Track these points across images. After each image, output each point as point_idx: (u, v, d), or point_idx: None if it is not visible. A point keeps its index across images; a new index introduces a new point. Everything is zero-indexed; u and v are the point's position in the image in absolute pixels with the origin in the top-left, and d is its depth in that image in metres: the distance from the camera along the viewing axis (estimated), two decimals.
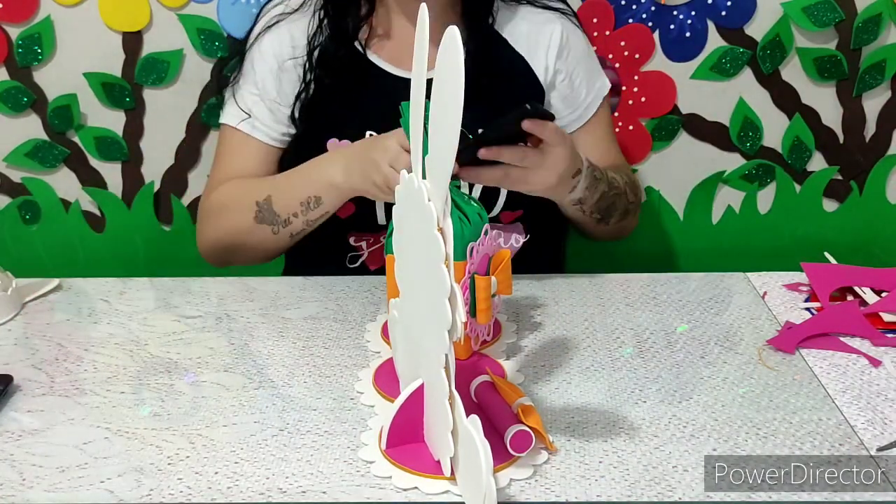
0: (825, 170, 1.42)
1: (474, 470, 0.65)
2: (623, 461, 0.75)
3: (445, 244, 0.64)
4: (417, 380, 0.74)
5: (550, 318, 1.00)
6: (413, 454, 0.74)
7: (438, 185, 0.65)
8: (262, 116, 1.13)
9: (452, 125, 0.61)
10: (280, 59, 1.13)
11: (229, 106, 1.15)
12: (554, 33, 1.16)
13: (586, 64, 1.20)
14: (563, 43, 1.17)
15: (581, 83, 1.19)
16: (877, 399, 0.84)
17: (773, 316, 1.01)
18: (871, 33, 1.33)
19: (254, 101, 1.14)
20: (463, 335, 0.67)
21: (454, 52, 0.60)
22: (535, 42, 1.16)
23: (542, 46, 1.16)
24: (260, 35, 1.14)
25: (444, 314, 0.65)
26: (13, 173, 1.39)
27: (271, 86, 1.13)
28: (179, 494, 0.71)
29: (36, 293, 1.05)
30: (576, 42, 1.19)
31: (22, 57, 1.31)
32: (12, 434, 0.79)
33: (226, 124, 1.16)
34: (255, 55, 1.14)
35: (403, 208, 0.74)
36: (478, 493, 0.65)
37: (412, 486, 0.71)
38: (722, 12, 1.32)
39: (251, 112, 1.13)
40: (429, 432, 0.74)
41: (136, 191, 1.40)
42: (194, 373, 0.89)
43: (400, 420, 0.74)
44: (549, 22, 1.17)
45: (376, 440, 0.76)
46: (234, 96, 1.15)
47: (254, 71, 1.14)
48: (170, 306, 1.04)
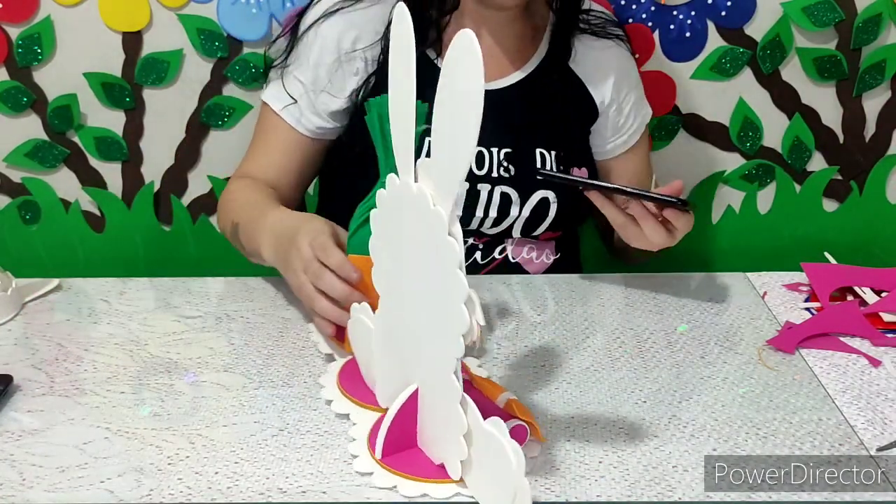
0: (825, 170, 1.42)
1: (500, 471, 0.65)
2: (623, 461, 0.75)
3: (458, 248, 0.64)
4: (410, 386, 0.73)
5: (550, 317, 1.00)
6: (411, 460, 0.73)
7: (446, 189, 0.64)
8: (303, 104, 1.12)
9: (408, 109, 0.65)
10: (341, 50, 1.10)
11: (273, 86, 1.13)
12: (612, 62, 1.18)
13: (637, 92, 1.21)
14: (620, 72, 1.18)
15: (630, 111, 1.20)
16: (877, 399, 0.84)
17: (773, 316, 1.01)
18: (871, 33, 1.33)
19: (299, 87, 1.11)
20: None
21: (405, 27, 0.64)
22: (594, 69, 1.17)
23: (602, 75, 1.17)
24: (320, 20, 1.11)
25: (460, 318, 0.64)
26: (13, 173, 1.39)
27: (324, 75, 1.11)
28: (179, 494, 0.71)
29: (36, 293, 1.05)
30: (630, 70, 1.21)
31: (22, 57, 1.31)
32: (12, 434, 0.79)
33: (266, 104, 1.14)
34: (314, 40, 1.11)
35: (394, 214, 0.72)
36: (504, 494, 0.65)
37: (421, 494, 0.70)
38: (722, 12, 1.32)
39: (293, 96, 1.12)
40: (428, 437, 0.73)
41: (136, 191, 1.40)
42: (194, 373, 0.89)
43: (396, 428, 0.73)
44: (608, 48, 1.18)
45: (367, 450, 0.75)
46: (283, 78, 1.13)
47: (308, 57, 1.11)
48: (170, 306, 1.04)
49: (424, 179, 0.67)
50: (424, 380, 0.72)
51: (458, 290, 0.64)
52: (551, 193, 1.13)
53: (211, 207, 1.41)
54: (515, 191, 1.12)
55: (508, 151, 1.13)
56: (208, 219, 1.42)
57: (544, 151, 1.14)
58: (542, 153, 1.14)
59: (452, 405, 0.67)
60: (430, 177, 0.66)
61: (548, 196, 1.13)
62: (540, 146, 1.14)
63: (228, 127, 1.36)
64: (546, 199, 1.13)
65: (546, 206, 1.13)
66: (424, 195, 0.66)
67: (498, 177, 1.12)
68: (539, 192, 1.12)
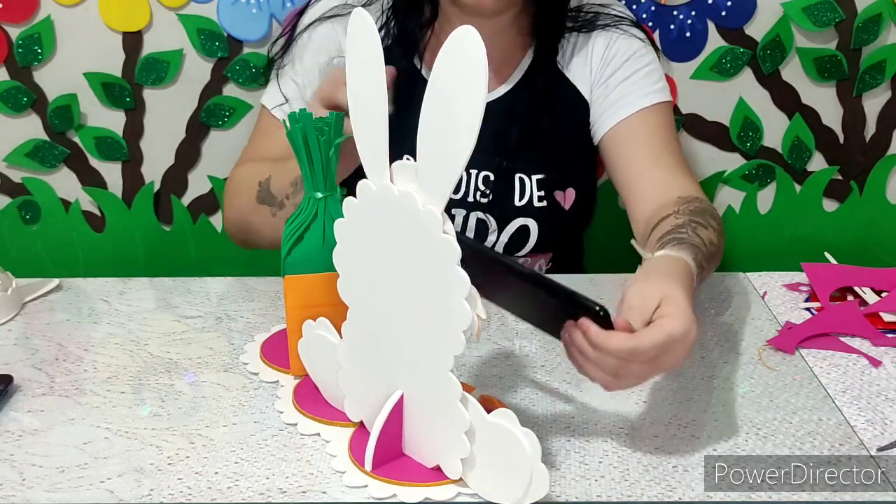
0: (825, 170, 1.42)
1: (512, 460, 0.65)
2: (623, 461, 0.75)
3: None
4: (394, 394, 0.72)
5: None
6: (402, 467, 0.73)
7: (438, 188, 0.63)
8: (296, 105, 1.10)
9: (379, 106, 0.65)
10: (334, 54, 1.09)
11: (271, 87, 1.13)
12: (598, 46, 1.09)
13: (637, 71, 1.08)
14: (608, 53, 1.09)
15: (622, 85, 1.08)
16: (877, 399, 0.84)
17: (773, 316, 1.01)
18: (871, 33, 1.33)
19: (293, 87, 1.11)
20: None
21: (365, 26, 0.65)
22: (580, 61, 1.10)
23: (584, 62, 1.10)
24: (316, 23, 1.10)
25: (462, 314, 0.64)
26: (13, 173, 1.39)
27: (318, 77, 1.09)
28: (179, 494, 0.71)
29: (36, 293, 1.05)
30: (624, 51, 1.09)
31: (22, 57, 1.31)
32: (12, 434, 0.79)
33: (263, 104, 1.14)
34: (308, 43, 1.11)
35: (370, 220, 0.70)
36: (517, 483, 0.65)
37: (423, 498, 0.70)
38: (722, 12, 1.32)
39: (288, 97, 1.11)
40: (418, 441, 0.73)
41: (136, 191, 1.40)
42: (194, 373, 0.89)
43: (383, 438, 0.72)
44: (598, 36, 1.10)
45: (352, 464, 0.74)
46: (278, 78, 1.12)
47: (302, 58, 1.11)
48: (170, 306, 1.04)
49: (403, 182, 0.66)
50: (412, 383, 0.71)
51: (459, 286, 0.63)
52: (532, 221, 1.09)
53: (211, 207, 1.41)
54: (493, 217, 1.09)
55: (487, 175, 1.09)
56: (208, 219, 1.42)
57: (524, 177, 1.09)
58: (522, 179, 1.09)
59: (452, 403, 0.67)
60: (411, 178, 0.65)
61: (528, 224, 1.09)
62: (522, 170, 1.09)
63: (228, 127, 1.36)
64: (526, 227, 1.10)
65: (526, 234, 1.10)
66: (410, 196, 0.65)
67: (474, 202, 1.09)
68: (518, 219, 1.09)
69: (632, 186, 1.05)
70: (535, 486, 0.66)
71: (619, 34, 1.09)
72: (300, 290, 0.82)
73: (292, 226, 0.82)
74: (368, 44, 0.65)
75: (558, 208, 1.11)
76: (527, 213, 1.09)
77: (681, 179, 1.02)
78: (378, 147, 0.67)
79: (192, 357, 0.92)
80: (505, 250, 1.10)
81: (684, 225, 0.89)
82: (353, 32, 0.67)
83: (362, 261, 0.72)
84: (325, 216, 0.81)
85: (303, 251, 0.81)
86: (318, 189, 0.81)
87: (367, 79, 0.66)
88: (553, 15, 1.08)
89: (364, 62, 0.66)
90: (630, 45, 1.09)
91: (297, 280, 0.82)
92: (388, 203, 0.67)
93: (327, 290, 0.76)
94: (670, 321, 0.69)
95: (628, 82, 1.07)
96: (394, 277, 0.69)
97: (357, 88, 0.68)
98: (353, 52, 0.68)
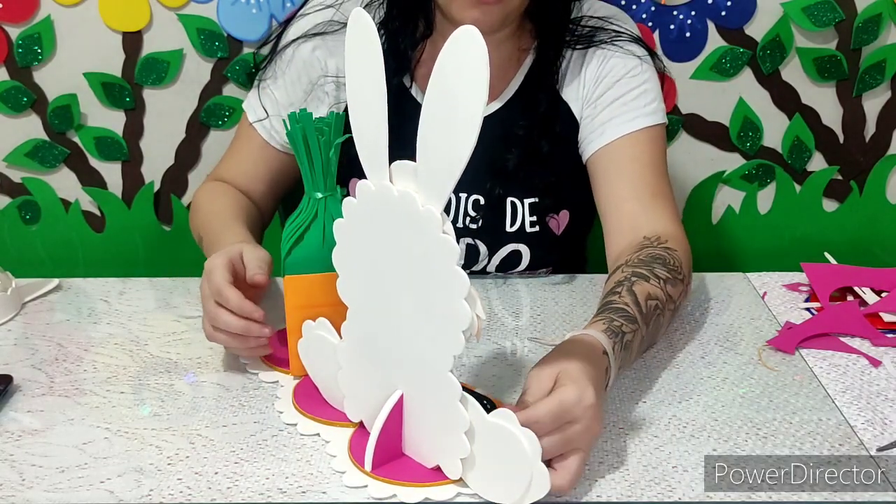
0: (825, 170, 1.42)
1: (512, 460, 0.65)
2: (623, 461, 0.75)
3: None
4: (394, 394, 0.72)
5: (550, 317, 1.00)
6: (402, 467, 0.73)
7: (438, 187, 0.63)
8: (275, 120, 1.08)
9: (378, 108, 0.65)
10: (316, 73, 1.06)
11: (252, 96, 1.11)
12: (591, 63, 1.05)
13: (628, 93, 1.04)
14: (602, 72, 1.05)
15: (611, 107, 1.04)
16: (877, 399, 0.84)
17: (773, 316, 1.01)
18: (871, 33, 1.33)
19: (273, 102, 1.08)
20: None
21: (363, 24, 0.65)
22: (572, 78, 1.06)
23: (576, 80, 1.06)
24: (301, 39, 1.06)
25: (461, 314, 0.64)
26: (13, 173, 1.39)
27: (299, 94, 1.07)
28: (179, 494, 0.71)
29: (36, 293, 1.05)
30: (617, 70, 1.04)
31: (22, 57, 1.31)
32: (12, 434, 0.79)
33: (245, 111, 1.12)
34: (291, 61, 1.07)
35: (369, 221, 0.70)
36: (517, 483, 0.66)
37: (423, 498, 0.70)
38: (722, 12, 1.32)
39: (267, 110, 1.08)
40: (418, 441, 0.73)
41: (136, 191, 1.40)
42: (194, 373, 0.89)
43: (382, 438, 0.72)
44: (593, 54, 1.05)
45: (352, 464, 0.74)
46: (259, 89, 1.10)
47: (284, 75, 1.07)
48: (170, 306, 1.04)
49: (402, 182, 0.66)
50: (412, 383, 0.71)
51: (458, 286, 0.64)
52: (523, 246, 1.07)
53: None
54: (483, 244, 1.08)
55: (477, 199, 1.06)
56: None
57: (516, 201, 1.06)
58: (514, 203, 1.06)
59: (452, 403, 0.67)
60: (410, 179, 0.65)
61: (519, 249, 1.08)
62: (514, 194, 1.06)
63: (228, 127, 1.36)
64: (517, 252, 1.08)
65: (518, 258, 1.08)
66: (409, 196, 0.65)
67: (464, 227, 1.06)
68: (510, 245, 1.07)
69: (606, 219, 1.03)
70: (534, 486, 0.66)
71: (614, 51, 1.04)
72: (300, 291, 0.82)
73: (292, 226, 0.82)
74: (368, 44, 0.65)
75: (551, 234, 1.09)
76: (519, 239, 1.07)
77: (652, 214, 0.99)
78: (378, 147, 0.67)
79: (192, 357, 0.92)
80: (497, 271, 1.09)
81: (622, 283, 0.88)
82: (352, 32, 0.67)
83: (362, 261, 0.72)
84: (325, 216, 0.81)
85: (303, 251, 0.81)
86: (318, 189, 0.82)
87: (366, 79, 0.66)
88: (553, 32, 1.05)
89: (364, 62, 0.66)
90: (625, 63, 1.04)
91: (296, 280, 0.82)
92: (387, 203, 0.67)
93: (327, 290, 0.76)
94: (562, 389, 0.69)
95: (618, 103, 1.03)
96: (393, 278, 0.69)
97: (357, 88, 0.68)
98: (352, 52, 0.68)
